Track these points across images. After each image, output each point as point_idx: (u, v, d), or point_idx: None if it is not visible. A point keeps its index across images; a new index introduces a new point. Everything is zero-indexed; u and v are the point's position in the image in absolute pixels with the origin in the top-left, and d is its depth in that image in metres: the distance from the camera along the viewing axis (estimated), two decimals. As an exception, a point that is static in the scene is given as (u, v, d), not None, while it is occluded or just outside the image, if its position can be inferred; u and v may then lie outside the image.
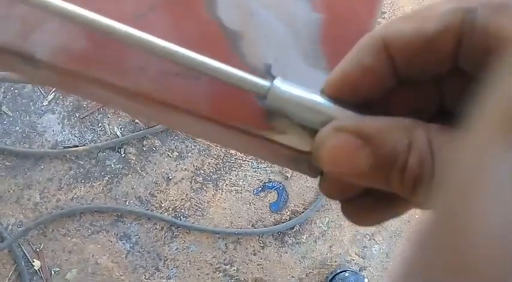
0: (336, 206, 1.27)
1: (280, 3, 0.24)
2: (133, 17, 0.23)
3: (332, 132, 0.19)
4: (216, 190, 1.25)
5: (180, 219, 1.20)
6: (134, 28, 0.20)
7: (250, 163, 1.28)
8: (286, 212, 1.26)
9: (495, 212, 0.10)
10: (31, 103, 1.24)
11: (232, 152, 1.29)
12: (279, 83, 0.21)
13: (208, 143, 1.27)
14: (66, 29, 0.22)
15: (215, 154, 1.28)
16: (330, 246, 1.24)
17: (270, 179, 1.28)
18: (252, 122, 0.22)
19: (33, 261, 1.13)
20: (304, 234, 1.24)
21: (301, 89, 0.21)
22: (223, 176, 1.27)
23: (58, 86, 0.24)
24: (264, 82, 0.21)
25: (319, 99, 0.21)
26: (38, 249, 1.14)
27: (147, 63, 0.22)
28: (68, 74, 0.22)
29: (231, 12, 0.24)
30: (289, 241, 1.23)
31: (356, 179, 0.19)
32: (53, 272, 1.13)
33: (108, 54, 0.22)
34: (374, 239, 1.25)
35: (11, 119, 1.22)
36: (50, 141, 1.21)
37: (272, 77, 0.22)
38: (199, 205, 1.23)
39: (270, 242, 1.22)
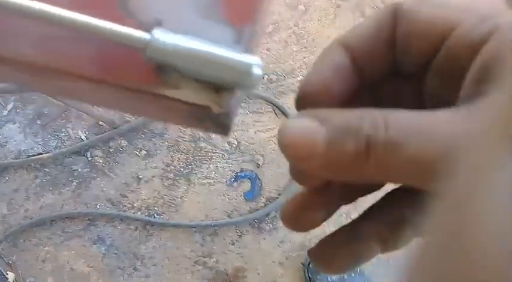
0: (310, 188, 1.26)
1: None
2: None
3: (290, 121, 0.20)
4: (189, 185, 1.24)
5: (154, 217, 1.19)
6: None
7: (221, 154, 1.27)
8: (261, 200, 1.25)
9: (496, 220, 0.10)
10: (-10, 115, 1.21)
11: (202, 145, 1.28)
12: (159, 34, 0.20)
13: (176, 136, 1.26)
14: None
15: (184, 149, 1.27)
16: (309, 229, 1.24)
17: (242, 168, 1.27)
18: (143, 79, 0.21)
19: (7, 274, 1.11)
20: (280, 220, 1.24)
21: (187, 39, 0.20)
22: (194, 170, 1.26)
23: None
24: (141, 34, 0.20)
25: (207, 47, 0.20)
26: (10, 262, 1.12)
27: (26, 29, 0.21)
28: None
29: None
30: (267, 228, 1.22)
31: (313, 163, 0.20)
32: (28, 283, 1.11)
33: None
34: (350, 217, 1.25)
35: (-29, 133, 1.20)
36: (12, 152, 1.19)
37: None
38: (173, 201, 1.22)
39: (247, 231, 1.22)
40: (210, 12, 0.22)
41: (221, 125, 0.22)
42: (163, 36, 0.20)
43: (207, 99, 0.20)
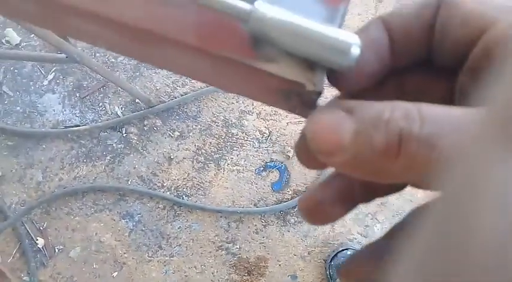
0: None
1: None
2: None
3: (317, 112, 0.19)
4: (218, 170, 1.25)
5: (183, 199, 1.20)
6: None
7: (251, 143, 1.28)
8: (288, 192, 1.26)
9: (497, 213, 0.10)
10: (31, 83, 1.23)
11: (234, 131, 1.28)
12: (261, 5, 0.20)
13: (210, 121, 1.27)
14: None
15: (216, 134, 1.28)
16: (332, 225, 1.25)
17: (271, 158, 1.28)
18: (239, 50, 0.21)
19: (37, 240, 1.14)
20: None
21: (288, 13, 0.20)
22: (224, 155, 1.27)
23: (48, 23, 0.23)
24: (245, 5, 0.20)
25: (307, 23, 0.19)
26: (41, 228, 1.15)
27: None
28: (56, 6, 0.21)
29: None
30: (292, 220, 1.24)
31: (339, 159, 0.18)
32: (56, 250, 1.14)
33: None
34: (376, 218, 1.25)
35: (12, 98, 1.22)
36: (51, 121, 1.21)
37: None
38: (202, 184, 1.23)
39: (272, 221, 1.23)
40: None
41: (309, 104, 0.21)
42: (265, 9, 0.19)
43: (302, 76, 0.20)
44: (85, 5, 0.21)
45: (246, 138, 1.28)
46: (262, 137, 1.29)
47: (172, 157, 1.24)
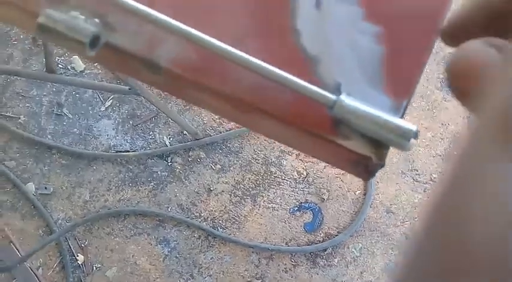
0: (369, 233, 1.28)
1: (350, 35, 0.29)
2: (232, 42, 0.28)
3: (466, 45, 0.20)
4: (254, 205, 1.29)
5: (218, 230, 1.25)
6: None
7: (288, 182, 1.32)
8: (320, 234, 1.28)
9: (494, 211, 0.10)
10: (90, 108, 1.33)
11: (272, 169, 1.33)
12: (344, 97, 0.26)
13: (251, 157, 1.32)
14: (183, 45, 0.28)
15: (256, 170, 1.33)
16: (361, 272, 1.25)
17: (306, 199, 1.31)
18: (323, 128, 0.27)
19: (78, 256, 1.20)
20: (336, 258, 1.26)
21: (361, 103, 0.26)
22: (261, 192, 1.31)
23: (169, 90, 0.29)
24: (332, 95, 0.26)
25: (377, 113, 0.26)
26: (83, 245, 1.21)
27: (243, 75, 0.27)
28: (181, 80, 0.27)
29: (312, 41, 0.29)
30: (321, 263, 1.25)
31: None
32: (94, 268, 1.19)
33: (214, 66, 0.27)
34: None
35: (71, 121, 1.31)
36: (103, 145, 1.29)
37: (339, 93, 0.27)
38: (237, 218, 1.28)
39: (301, 262, 1.25)
40: (376, 84, 0.28)
41: (370, 173, 0.28)
42: (346, 99, 0.26)
43: (370, 151, 0.26)
44: (203, 81, 0.27)
45: (283, 178, 1.33)
46: (299, 178, 1.33)
47: (212, 189, 1.29)
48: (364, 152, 0.27)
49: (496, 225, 0.10)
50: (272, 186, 1.32)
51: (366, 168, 0.27)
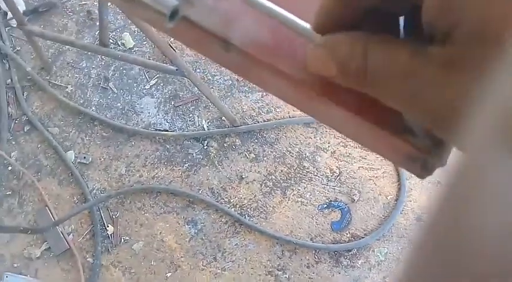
0: (397, 239, 1.27)
1: None
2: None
3: (313, 47, 0.24)
4: (283, 197, 1.30)
5: (245, 218, 1.26)
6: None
7: (320, 179, 1.31)
8: (346, 234, 1.27)
9: (495, 216, 0.10)
10: (135, 84, 1.36)
11: (305, 164, 1.33)
12: None
13: (285, 150, 1.33)
14: (257, 24, 0.28)
15: (289, 163, 1.33)
16: (384, 277, 1.24)
17: (336, 198, 1.30)
18: (390, 121, 0.26)
19: (108, 227, 1.23)
20: (360, 259, 1.25)
21: None
22: (292, 185, 1.31)
23: (238, 69, 0.30)
24: None
25: None
26: (114, 217, 1.24)
27: None
28: (250, 59, 0.28)
29: None
30: (344, 263, 1.25)
31: (334, 79, 0.24)
32: (122, 240, 1.23)
33: (286, 49, 0.28)
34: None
35: (115, 95, 1.35)
36: (144, 122, 1.32)
37: None
38: (265, 208, 1.28)
39: (325, 259, 1.25)
40: None
41: (428, 170, 0.27)
42: None
43: (431, 148, 0.26)
44: (274, 62, 0.27)
45: (315, 173, 1.32)
46: (331, 176, 1.33)
47: (243, 177, 1.30)
48: (426, 148, 0.26)
49: (499, 226, 0.10)
50: (303, 180, 1.32)
51: (424, 165, 0.27)
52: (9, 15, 1.42)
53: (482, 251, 0.11)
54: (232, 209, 1.27)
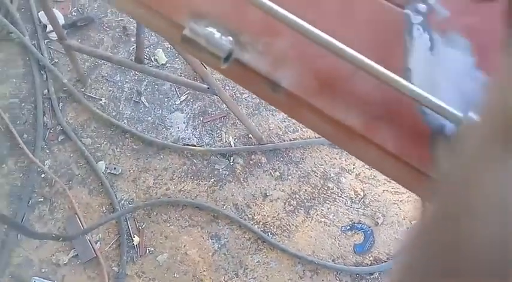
0: (419, 264, 1.26)
1: (460, 81, 0.30)
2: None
3: None
4: (307, 217, 1.31)
5: (268, 235, 1.27)
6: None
7: (344, 200, 1.32)
8: (369, 257, 1.27)
9: (493, 213, 0.11)
10: (166, 99, 1.40)
11: (330, 185, 1.34)
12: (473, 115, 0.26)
13: (310, 170, 1.34)
14: (302, 68, 0.30)
15: (313, 183, 1.34)
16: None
17: (360, 220, 1.31)
18: (425, 163, 0.28)
19: (134, 237, 1.26)
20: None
21: None
22: (316, 205, 1.32)
23: (285, 108, 0.32)
24: (457, 112, 0.27)
25: None
26: (140, 227, 1.27)
27: (357, 104, 0.29)
28: (295, 99, 0.30)
29: (421, 81, 0.30)
30: (365, 285, 1.24)
31: None
32: (147, 251, 1.25)
33: (330, 92, 0.30)
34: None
35: (146, 109, 1.39)
36: (173, 136, 1.35)
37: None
38: (288, 227, 1.29)
39: (346, 281, 1.25)
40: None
41: None
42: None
43: None
44: (318, 104, 0.29)
45: (340, 195, 1.33)
46: (356, 198, 1.33)
47: (268, 194, 1.32)
48: None
49: (497, 225, 0.10)
50: (327, 201, 1.32)
51: None
52: (49, 28, 1.48)
53: (481, 253, 0.11)
54: (256, 225, 1.28)
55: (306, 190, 1.33)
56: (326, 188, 1.34)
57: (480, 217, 0.11)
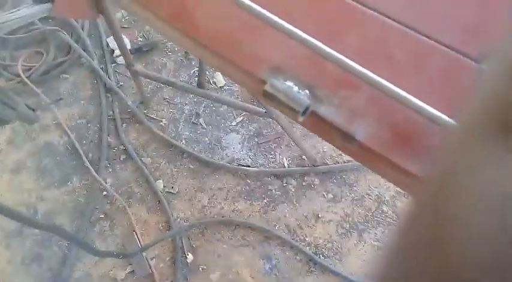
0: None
1: None
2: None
3: None
4: (359, 240, 1.29)
5: (319, 257, 1.26)
6: None
7: (399, 224, 1.29)
8: (425, 284, 1.23)
9: (485, 208, 0.11)
10: (223, 121, 1.45)
11: (384, 208, 1.32)
12: None
13: (364, 192, 1.33)
14: (376, 121, 0.32)
15: (367, 206, 1.32)
16: None
17: (416, 245, 1.27)
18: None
19: (188, 255, 1.30)
20: None
21: None
22: (369, 229, 1.30)
23: (357, 157, 0.34)
24: None
25: None
26: (194, 245, 1.31)
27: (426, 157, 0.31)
28: (368, 151, 0.32)
29: None
30: (421, 314, 1.20)
31: None
32: (200, 269, 1.28)
33: (401, 145, 0.31)
34: None
35: (204, 130, 1.44)
36: (228, 156, 1.39)
37: None
38: (340, 250, 1.28)
39: (401, 308, 1.21)
40: None
41: None
42: None
43: None
44: (390, 156, 0.30)
45: (395, 219, 1.30)
46: (411, 222, 1.30)
47: (320, 216, 1.31)
48: None
49: (491, 216, 0.10)
50: (381, 224, 1.30)
51: None
52: (116, 53, 1.59)
53: (468, 249, 0.11)
54: (307, 247, 1.28)
55: (359, 213, 1.32)
56: (380, 211, 1.32)
57: (474, 209, 0.11)
